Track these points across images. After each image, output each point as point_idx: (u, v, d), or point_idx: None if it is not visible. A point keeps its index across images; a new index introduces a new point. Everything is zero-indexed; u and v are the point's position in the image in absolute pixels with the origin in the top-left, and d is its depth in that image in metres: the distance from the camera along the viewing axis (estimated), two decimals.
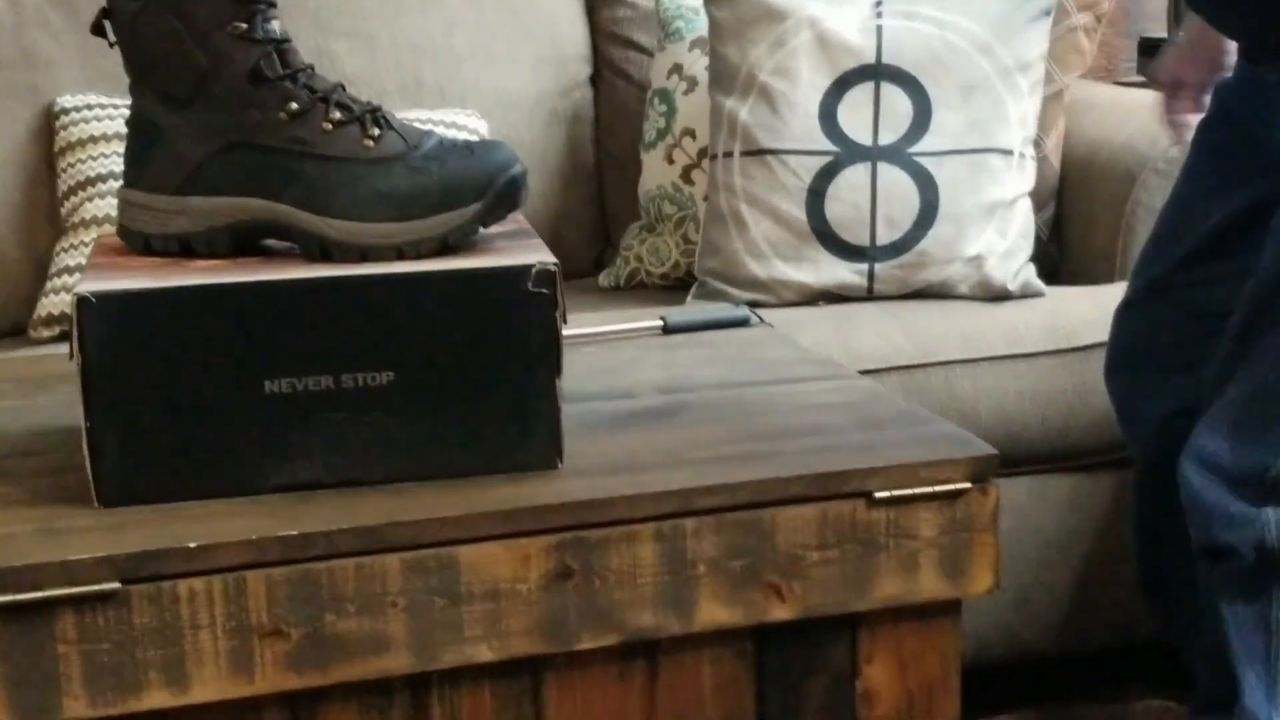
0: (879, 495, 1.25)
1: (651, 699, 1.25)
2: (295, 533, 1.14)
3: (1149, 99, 2.25)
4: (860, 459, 1.26)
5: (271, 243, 1.25)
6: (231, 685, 1.14)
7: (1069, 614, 1.96)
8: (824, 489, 1.24)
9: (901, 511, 1.26)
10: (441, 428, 1.21)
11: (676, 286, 2.13)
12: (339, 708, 1.18)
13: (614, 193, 2.31)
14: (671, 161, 2.17)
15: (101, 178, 2.02)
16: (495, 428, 1.22)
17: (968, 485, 1.27)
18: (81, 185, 2.05)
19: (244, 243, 1.23)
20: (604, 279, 2.23)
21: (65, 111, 2.10)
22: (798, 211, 1.98)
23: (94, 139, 2.04)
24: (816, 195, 1.97)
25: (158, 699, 1.12)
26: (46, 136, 2.12)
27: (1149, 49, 2.57)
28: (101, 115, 2.07)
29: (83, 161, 2.05)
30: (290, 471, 1.20)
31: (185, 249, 1.23)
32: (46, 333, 1.88)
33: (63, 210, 2.04)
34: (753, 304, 1.75)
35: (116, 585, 1.09)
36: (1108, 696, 2.00)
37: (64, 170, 2.08)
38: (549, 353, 1.22)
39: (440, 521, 1.16)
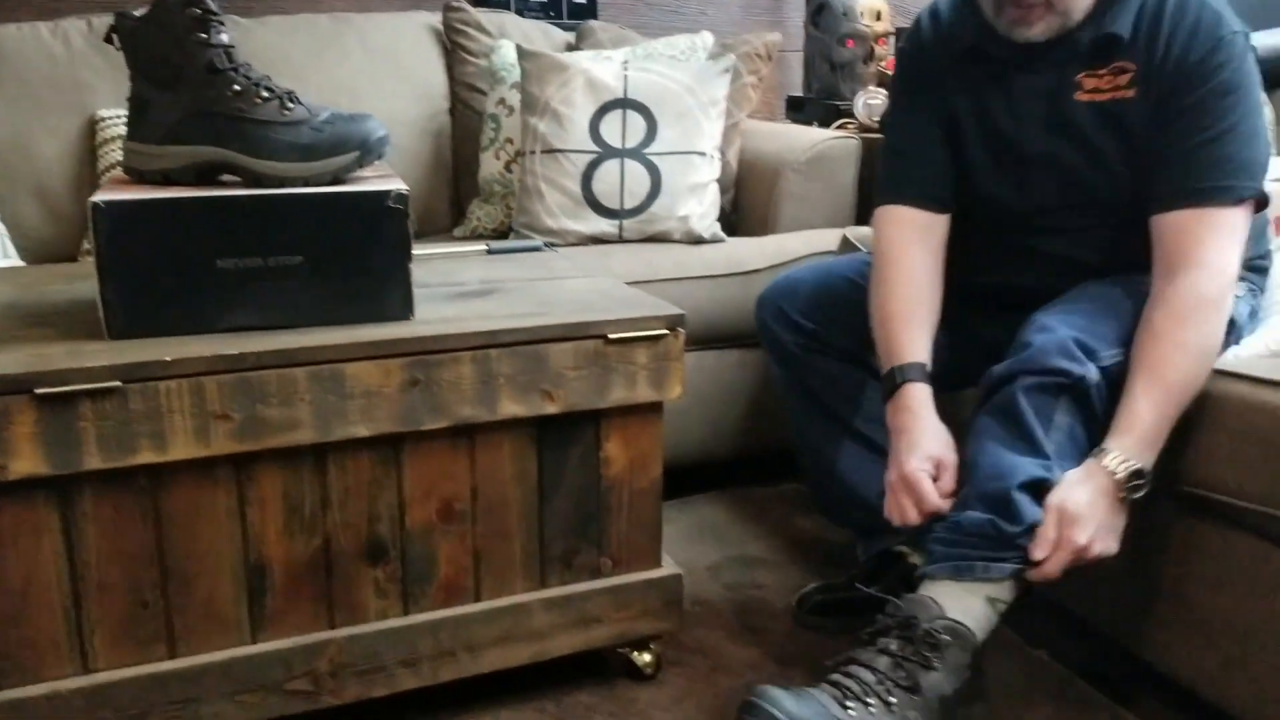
0: (612, 337, 1.25)
1: (472, 463, 1.24)
2: (236, 352, 1.10)
3: (784, 129, 2.29)
4: (600, 316, 1.26)
5: (225, 178, 1.19)
6: (195, 449, 1.10)
7: (741, 432, 1.99)
8: (578, 333, 1.24)
9: (626, 348, 1.26)
10: (334, 292, 1.19)
11: (502, 236, 2.11)
12: (267, 467, 1.16)
13: (463, 180, 2.27)
14: (499, 159, 2.14)
15: None
16: (369, 292, 1.20)
17: (666, 331, 1.28)
18: (111, 166, 1.96)
19: (204, 176, 1.18)
20: (457, 232, 2.20)
21: (103, 120, 2.00)
22: (575, 188, 1.97)
23: (120, 136, 1.94)
24: (587, 178, 1.97)
25: (147, 457, 1.09)
26: (90, 135, 2.02)
27: (794, 103, 2.59)
28: (124, 120, 1.98)
29: (113, 150, 1.96)
30: (235, 319, 1.16)
31: (166, 179, 1.18)
32: (88, 258, 1.82)
33: (100, 181, 1.95)
34: (548, 245, 1.75)
35: (118, 384, 1.07)
36: (768, 482, 2.04)
37: (101, 156, 1.99)
38: (404, 245, 1.20)
39: (332, 348, 1.14)
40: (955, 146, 1.41)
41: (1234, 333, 1.30)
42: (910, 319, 1.36)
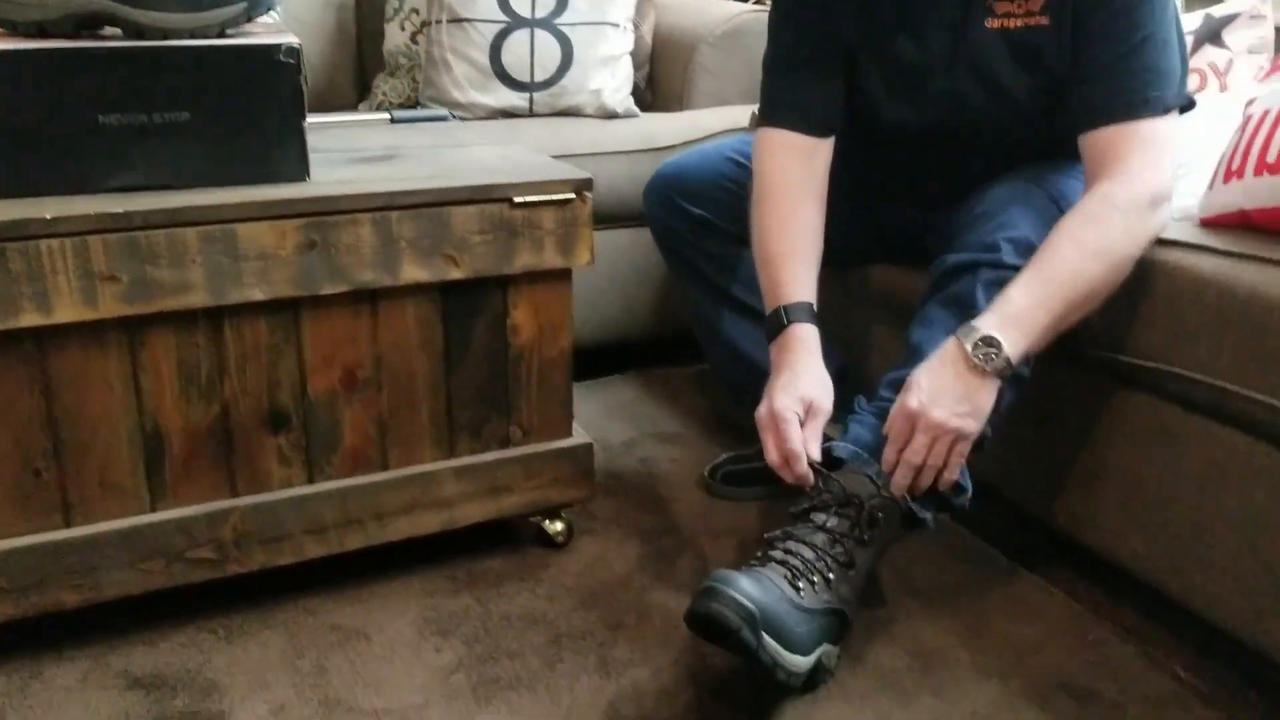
0: (517, 200, 1.24)
1: (375, 330, 1.23)
2: (122, 210, 1.07)
3: (699, 2, 2.24)
4: (506, 179, 1.24)
5: (106, 30, 1.14)
6: (82, 312, 1.08)
7: (655, 312, 2.00)
8: (482, 195, 1.23)
9: (532, 212, 1.26)
10: (225, 151, 1.16)
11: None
12: (160, 332, 1.14)
13: (368, 53, 2.21)
14: (404, 30, 2.08)
15: None
16: (261, 152, 1.17)
17: (573, 195, 1.27)
18: None
19: (83, 27, 1.13)
20: (362, 108, 2.14)
21: None
22: (483, 59, 1.93)
23: None
24: (495, 49, 1.93)
25: (31, 319, 1.07)
26: None
27: None
28: None
29: None
30: (120, 178, 1.13)
31: (42, 31, 1.12)
32: None
33: None
34: (456, 118, 1.71)
35: None
36: (683, 364, 2.06)
37: None
38: (296, 103, 1.17)
39: (224, 207, 1.12)
40: (849, 70, 1.34)
41: None
42: (792, 256, 1.30)
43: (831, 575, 1.11)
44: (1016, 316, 1.11)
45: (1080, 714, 1.12)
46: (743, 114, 1.98)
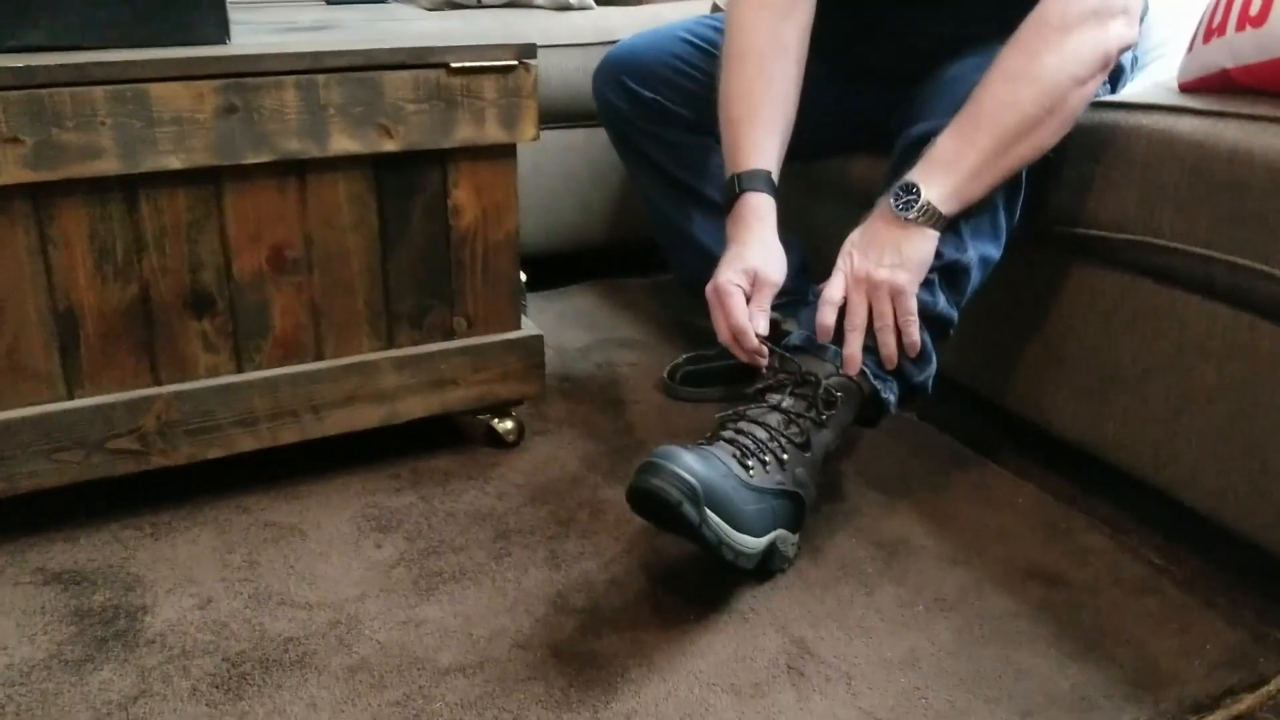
0: (455, 65, 1.18)
1: (304, 206, 1.17)
2: (22, 65, 1.00)
3: None
4: (444, 44, 1.18)
5: None
6: None
7: (613, 216, 1.95)
8: (417, 60, 1.16)
9: (471, 79, 1.19)
10: (137, 9, 1.09)
11: None
12: (70, 202, 1.07)
13: None
14: None
15: None
16: (176, 10, 1.11)
17: (515, 63, 1.21)
18: None
19: None
20: None
21: None
22: None
23: None
24: None
25: None
26: None
27: None
28: None
29: None
30: (22, 36, 1.06)
31: None
32: None
33: None
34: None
35: None
36: (643, 274, 2.01)
37: None
38: None
39: (133, 64, 1.05)
40: None
41: (1119, 79, 1.28)
42: (753, 121, 1.23)
43: (785, 456, 1.07)
44: (940, 160, 1.08)
45: (1050, 598, 1.08)
46: (702, 6, 1.92)
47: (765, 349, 1.12)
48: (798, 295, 1.50)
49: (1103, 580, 1.12)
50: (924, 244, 1.08)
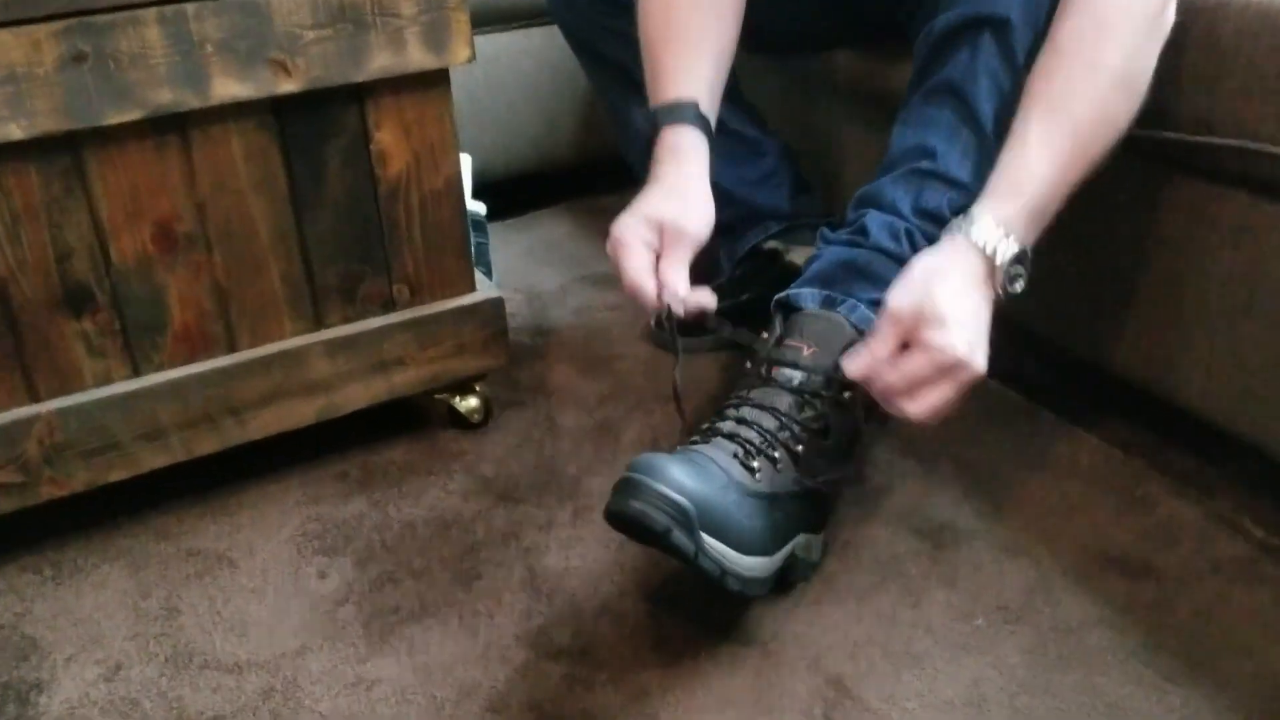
0: None
1: (190, 169, 0.97)
2: None
3: None
4: None
5: None
6: None
7: (582, 130, 1.74)
8: None
9: None
10: None
11: None
12: None
13: None
14: None
15: None
16: None
17: None
18: None
19: None
20: None
21: None
22: None
23: None
24: None
25: None
26: None
27: None
28: None
29: None
30: None
31: None
32: None
33: None
34: None
35: None
36: (618, 190, 1.80)
37: None
38: None
39: None
40: None
41: None
42: (680, 39, 1.04)
43: (800, 448, 0.89)
44: (1041, 203, 0.86)
45: (1135, 595, 0.92)
46: None
47: (669, 307, 0.93)
48: (798, 220, 1.32)
49: (1197, 565, 0.95)
50: (991, 307, 0.86)
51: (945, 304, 0.82)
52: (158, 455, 1.04)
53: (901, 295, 0.84)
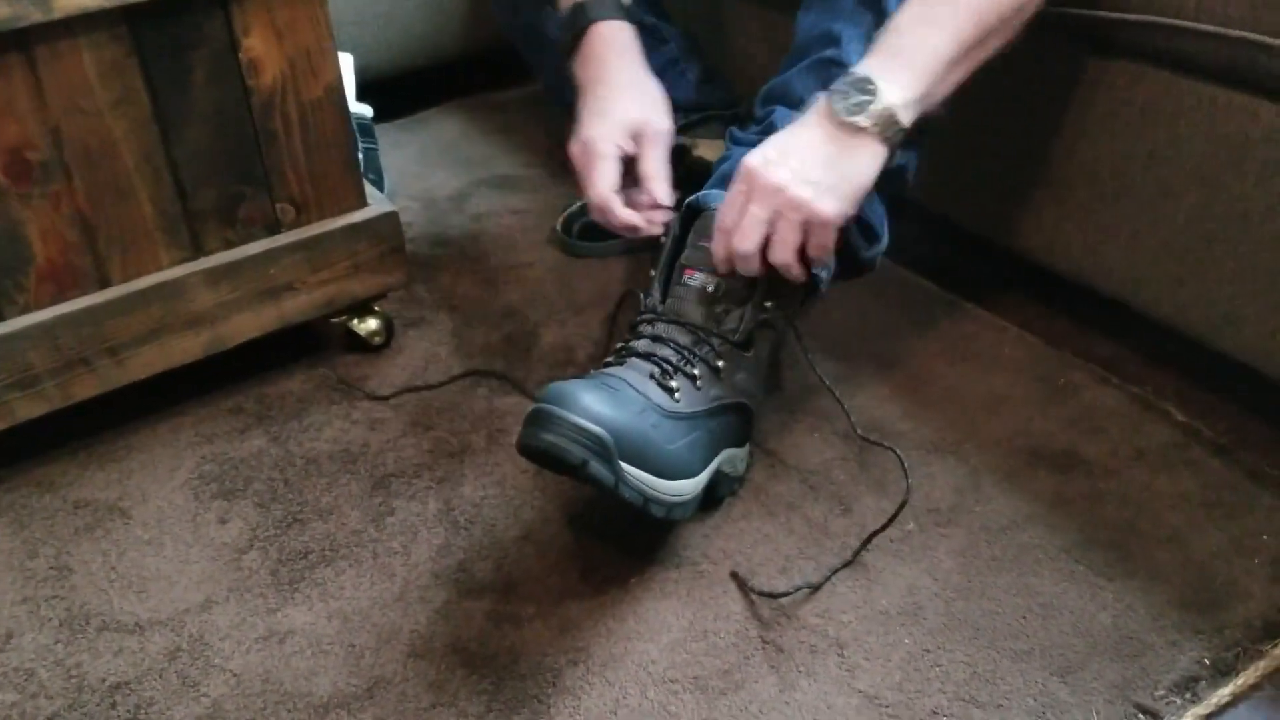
0: None
1: (38, 91, 0.89)
2: None
3: None
4: None
5: None
6: None
7: (472, 20, 1.67)
8: None
9: None
10: None
11: None
12: None
13: None
14: None
15: None
16: None
17: None
18: None
19: None
20: None
21: None
22: None
23: None
24: None
25: None
26: None
27: None
28: None
29: None
30: None
31: None
32: None
33: None
34: None
35: None
36: (514, 84, 1.74)
37: None
38: None
39: None
40: None
41: None
42: None
43: (721, 363, 0.87)
44: (904, 50, 0.83)
45: (1064, 489, 0.93)
46: None
47: (644, 222, 0.92)
48: (707, 111, 1.28)
49: (1123, 453, 0.96)
50: (870, 163, 0.83)
51: (781, 148, 0.82)
52: (33, 404, 0.98)
53: (751, 153, 0.83)
